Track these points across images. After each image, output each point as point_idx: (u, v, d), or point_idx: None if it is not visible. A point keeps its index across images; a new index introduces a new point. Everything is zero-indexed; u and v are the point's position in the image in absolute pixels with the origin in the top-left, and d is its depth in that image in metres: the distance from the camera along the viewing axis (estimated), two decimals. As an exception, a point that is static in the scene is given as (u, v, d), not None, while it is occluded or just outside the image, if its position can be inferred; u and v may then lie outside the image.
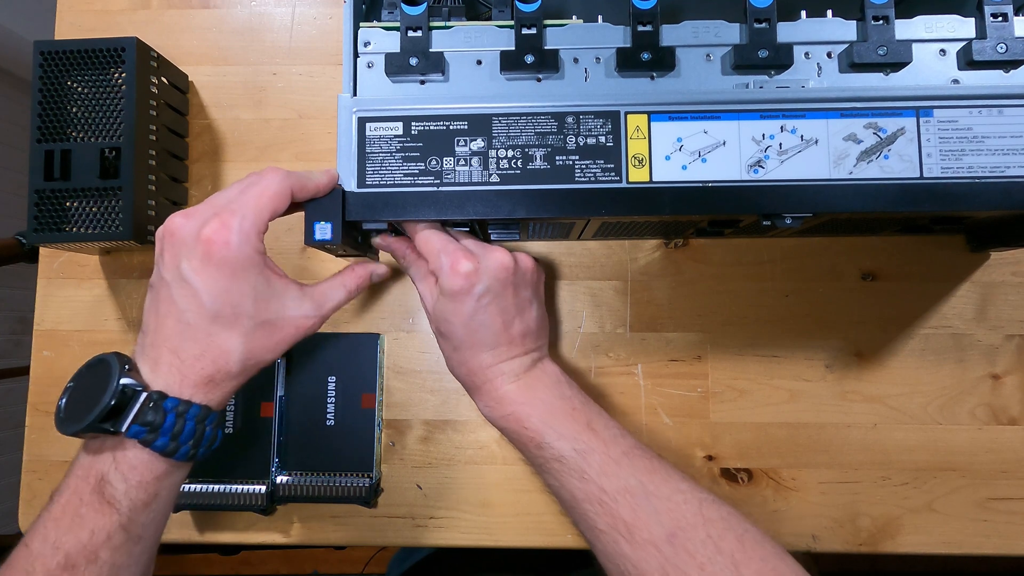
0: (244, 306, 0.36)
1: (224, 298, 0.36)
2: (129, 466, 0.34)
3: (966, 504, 0.49)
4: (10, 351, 1.49)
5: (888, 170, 0.39)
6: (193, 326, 0.36)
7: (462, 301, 0.40)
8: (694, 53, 0.41)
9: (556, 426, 0.40)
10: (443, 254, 0.40)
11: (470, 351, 0.42)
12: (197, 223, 0.36)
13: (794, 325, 0.51)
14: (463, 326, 0.41)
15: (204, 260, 0.35)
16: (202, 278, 0.35)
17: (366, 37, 0.42)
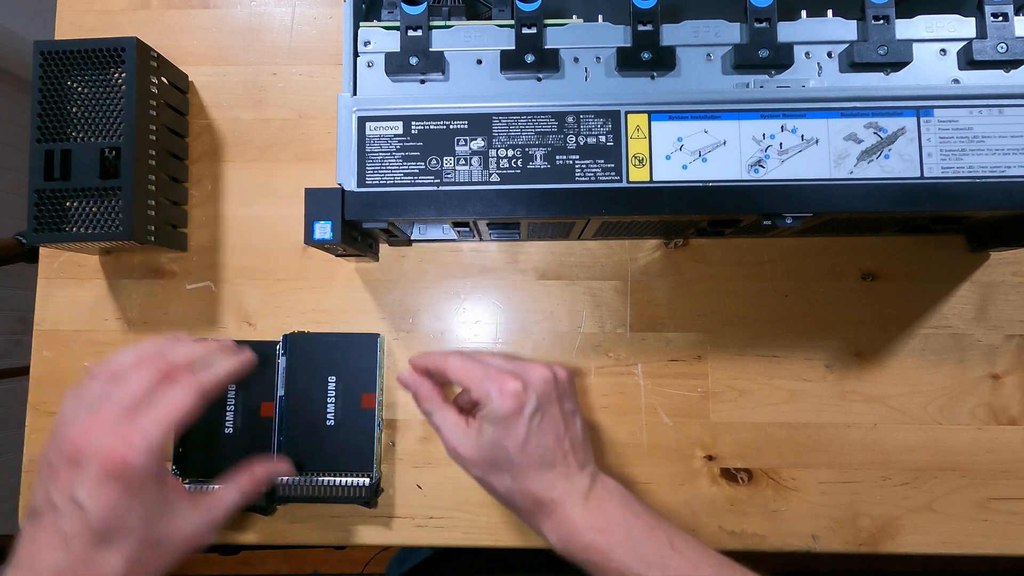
0: (131, 523, 0.35)
1: (113, 517, 0.34)
2: None
3: (966, 504, 0.49)
4: (10, 351, 1.49)
5: (888, 170, 0.39)
6: (74, 554, 0.34)
7: (514, 424, 0.39)
8: (694, 53, 0.41)
9: (642, 552, 0.38)
10: (487, 379, 0.40)
11: (530, 477, 0.40)
12: (102, 441, 0.34)
13: (794, 325, 0.51)
14: (519, 451, 0.39)
15: (102, 481, 0.34)
16: (95, 498, 0.34)
17: (366, 36, 0.42)
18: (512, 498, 0.41)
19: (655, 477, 0.50)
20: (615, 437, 0.51)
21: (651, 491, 0.50)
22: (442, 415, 0.43)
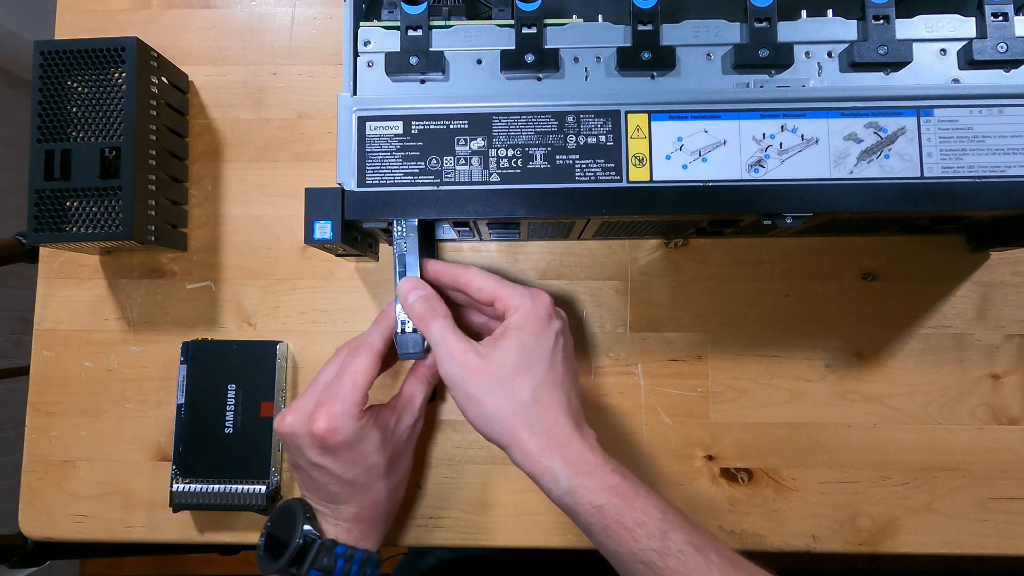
0: (373, 461, 0.41)
1: (354, 467, 0.40)
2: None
3: (966, 504, 0.49)
4: (10, 351, 1.49)
5: (888, 170, 0.39)
6: (339, 493, 0.41)
7: (548, 330, 0.40)
8: (694, 52, 0.41)
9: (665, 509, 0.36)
10: (516, 290, 0.40)
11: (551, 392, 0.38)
12: (304, 419, 0.39)
13: (794, 325, 0.51)
14: (548, 358, 0.39)
15: (322, 450, 0.39)
16: (328, 461, 0.40)
17: (366, 36, 0.42)
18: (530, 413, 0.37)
19: (655, 477, 0.50)
20: (615, 437, 0.51)
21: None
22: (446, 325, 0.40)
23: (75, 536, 0.52)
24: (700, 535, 0.36)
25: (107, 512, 0.52)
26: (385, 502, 0.43)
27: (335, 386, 0.40)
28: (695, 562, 0.33)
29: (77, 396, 0.53)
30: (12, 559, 0.69)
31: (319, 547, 0.40)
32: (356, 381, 0.40)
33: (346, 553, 0.41)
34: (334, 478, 0.41)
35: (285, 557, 0.40)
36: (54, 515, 0.52)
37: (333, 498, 0.42)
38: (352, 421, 0.39)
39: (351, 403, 0.39)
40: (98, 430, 0.53)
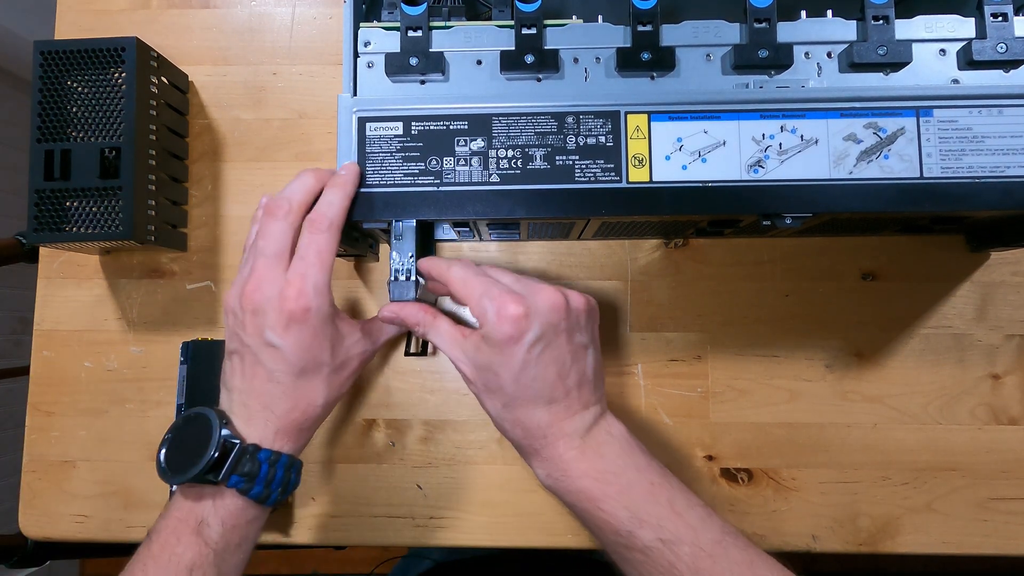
0: (323, 357, 0.40)
1: (308, 355, 0.39)
2: (226, 512, 0.37)
3: (966, 504, 0.49)
4: (10, 351, 1.49)
5: (888, 170, 0.39)
6: (283, 384, 0.39)
7: (511, 351, 0.36)
8: (694, 53, 0.41)
9: (636, 510, 0.36)
10: (486, 298, 0.37)
11: (523, 409, 0.38)
12: (273, 291, 0.38)
13: (794, 325, 0.51)
14: (513, 381, 0.37)
15: (287, 326, 0.38)
16: (287, 341, 0.38)
17: (366, 37, 0.42)
18: (503, 424, 0.40)
19: (655, 477, 0.50)
20: (615, 437, 0.51)
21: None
22: (435, 331, 0.41)
23: (75, 536, 0.52)
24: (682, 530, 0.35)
25: (107, 512, 0.52)
26: (319, 408, 0.40)
27: (301, 265, 0.38)
28: (660, 557, 0.35)
29: (77, 396, 0.53)
30: (12, 559, 0.69)
31: (239, 450, 0.37)
32: (323, 261, 0.38)
33: (271, 457, 0.38)
34: (284, 363, 0.38)
35: (201, 464, 0.36)
36: (54, 515, 0.52)
37: (273, 387, 0.39)
38: (323, 297, 0.38)
39: (323, 283, 0.38)
40: (98, 430, 0.53)
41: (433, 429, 0.52)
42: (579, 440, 0.38)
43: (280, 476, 0.38)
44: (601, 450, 0.38)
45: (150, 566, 0.36)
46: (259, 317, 0.38)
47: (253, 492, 0.37)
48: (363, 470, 0.52)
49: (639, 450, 0.39)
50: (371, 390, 0.52)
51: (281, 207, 0.39)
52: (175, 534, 0.37)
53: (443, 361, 0.52)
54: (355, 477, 0.52)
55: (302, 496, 0.51)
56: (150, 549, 0.37)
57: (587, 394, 0.39)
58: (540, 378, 0.37)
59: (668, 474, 0.39)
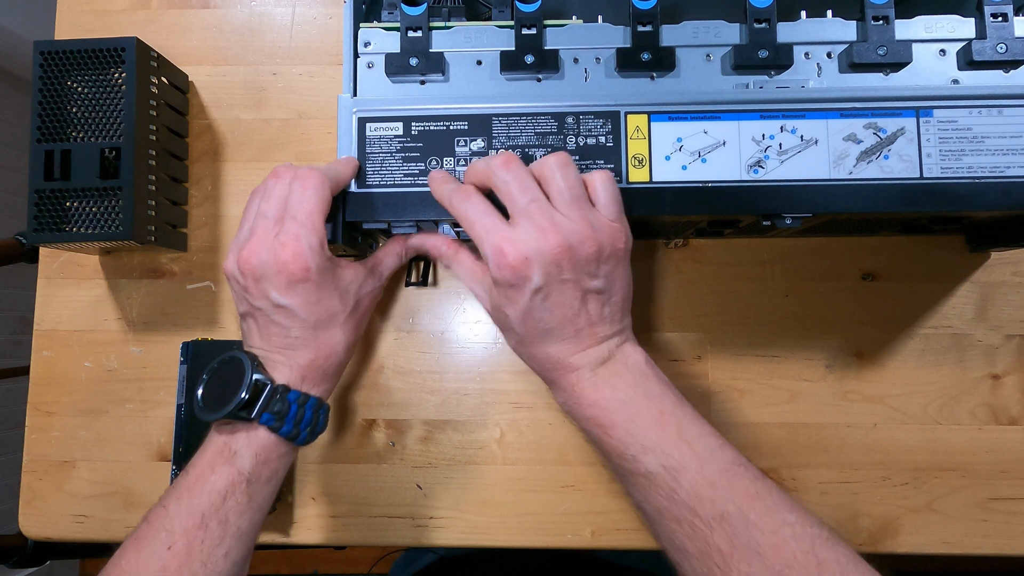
0: (335, 307, 0.41)
1: (318, 309, 0.40)
2: (259, 446, 0.39)
3: (966, 504, 0.49)
4: (10, 351, 1.49)
5: (888, 170, 0.39)
6: (300, 338, 0.40)
7: (514, 296, 0.36)
8: (694, 53, 0.41)
9: (641, 436, 0.36)
10: (489, 239, 0.36)
11: (534, 346, 0.39)
12: (268, 255, 0.38)
13: (794, 325, 0.51)
14: (520, 323, 0.38)
15: (290, 286, 0.39)
16: (294, 300, 0.39)
17: (366, 37, 0.42)
18: (521, 356, 0.41)
19: (655, 477, 0.50)
20: (615, 437, 0.51)
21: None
22: (458, 263, 0.43)
23: (75, 536, 0.52)
24: (687, 457, 0.35)
25: (107, 512, 0.52)
26: (341, 353, 0.42)
27: (293, 225, 0.38)
28: (662, 482, 0.35)
29: (77, 396, 0.53)
30: (12, 559, 0.70)
31: (271, 391, 0.39)
32: (315, 220, 0.38)
33: (299, 399, 0.40)
34: (297, 320, 0.39)
35: (235, 401, 0.38)
36: (54, 515, 0.52)
37: (292, 343, 0.40)
38: (319, 255, 0.39)
39: (317, 240, 0.38)
40: (98, 430, 0.53)
41: (433, 429, 0.52)
42: (591, 372, 0.38)
43: (308, 416, 0.40)
44: (613, 380, 0.38)
45: (185, 494, 0.38)
46: (261, 282, 0.39)
47: (283, 430, 0.39)
48: (363, 470, 0.52)
49: (654, 379, 0.39)
50: (371, 390, 0.52)
51: (288, 171, 0.40)
52: (210, 465, 0.39)
53: (443, 361, 0.53)
54: (355, 477, 0.52)
55: (302, 496, 0.51)
56: (186, 479, 0.39)
57: (603, 329, 0.38)
58: (546, 320, 0.37)
59: (683, 403, 0.38)
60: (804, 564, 0.32)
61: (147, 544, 0.37)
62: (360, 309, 0.44)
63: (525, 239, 0.35)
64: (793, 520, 0.33)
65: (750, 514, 0.33)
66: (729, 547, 0.33)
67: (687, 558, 0.35)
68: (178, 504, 0.38)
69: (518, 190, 0.36)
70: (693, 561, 0.34)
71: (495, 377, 0.52)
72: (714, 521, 0.33)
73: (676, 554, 0.36)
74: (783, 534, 0.33)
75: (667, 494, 0.35)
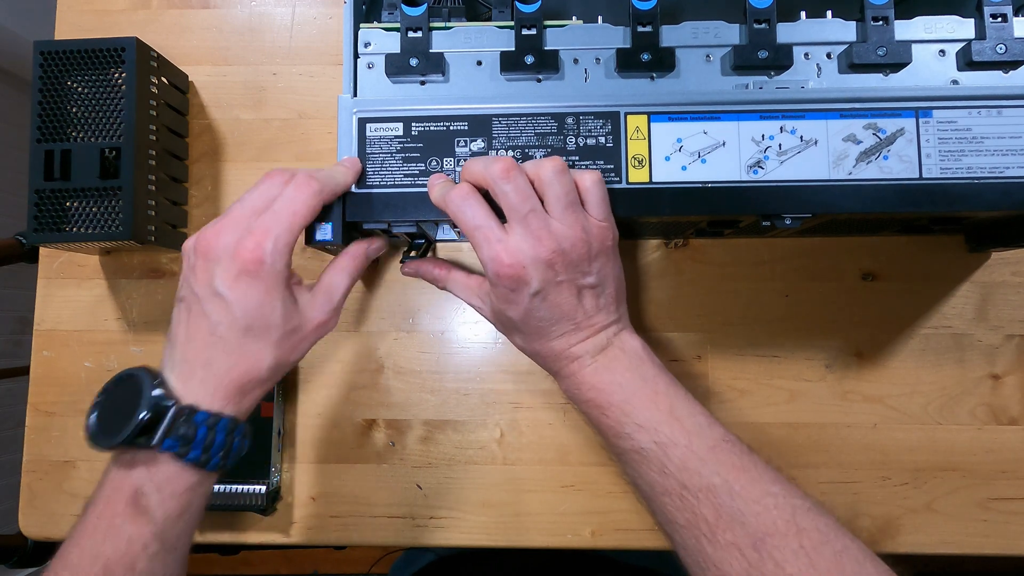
0: (273, 319, 0.37)
1: (256, 312, 0.36)
2: (163, 478, 0.35)
3: (966, 504, 0.49)
4: (10, 351, 1.49)
5: (887, 171, 0.39)
6: (225, 339, 0.36)
7: (514, 300, 0.38)
8: (694, 54, 0.41)
9: (635, 415, 0.38)
10: (486, 245, 0.37)
11: (539, 342, 0.40)
12: (231, 240, 0.36)
13: (794, 325, 0.51)
14: (522, 323, 0.39)
15: (238, 277, 0.36)
16: (236, 294, 0.36)
17: (366, 38, 0.42)
18: (525, 353, 0.42)
19: (655, 477, 0.50)
20: (615, 437, 0.51)
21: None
22: (453, 283, 0.44)
23: (75, 536, 0.52)
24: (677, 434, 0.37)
25: (107, 512, 0.52)
26: (264, 373, 0.38)
27: (269, 218, 0.36)
28: (653, 457, 0.37)
29: (77, 396, 0.53)
30: (12, 559, 0.70)
31: (175, 413, 0.34)
32: (293, 221, 0.37)
33: (208, 420, 0.35)
34: (228, 316, 0.36)
35: (130, 427, 0.33)
36: (54, 515, 0.52)
37: (214, 344, 0.36)
38: (280, 260, 0.36)
39: (284, 242, 0.36)
40: (98, 430, 0.53)
41: (433, 429, 0.52)
42: (591, 359, 0.40)
43: (220, 440, 0.36)
44: (612, 365, 0.40)
45: (86, 540, 0.34)
46: (210, 264, 0.36)
47: (190, 456, 0.35)
48: (363, 470, 0.52)
49: (649, 363, 0.40)
50: (371, 390, 0.52)
51: (284, 174, 0.39)
52: (110, 505, 0.35)
53: (443, 361, 0.53)
54: (355, 477, 0.52)
55: (302, 496, 0.51)
56: (85, 524, 0.35)
57: (599, 319, 0.40)
58: (546, 318, 0.39)
59: (676, 384, 0.40)
60: (785, 532, 0.33)
61: None
62: (298, 335, 0.39)
63: (522, 247, 0.37)
64: (776, 491, 0.35)
65: (735, 485, 0.35)
66: (715, 516, 0.34)
67: (677, 529, 0.36)
68: (80, 554, 0.34)
69: (518, 200, 0.37)
70: (683, 532, 0.36)
71: (495, 377, 0.52)
72: (701, 493, 0.35)
73: (668, 526, 0.37)
74: (766, 503, 0.34)
75: (659, 469, 0.37)
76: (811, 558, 0.32)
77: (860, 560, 0.33)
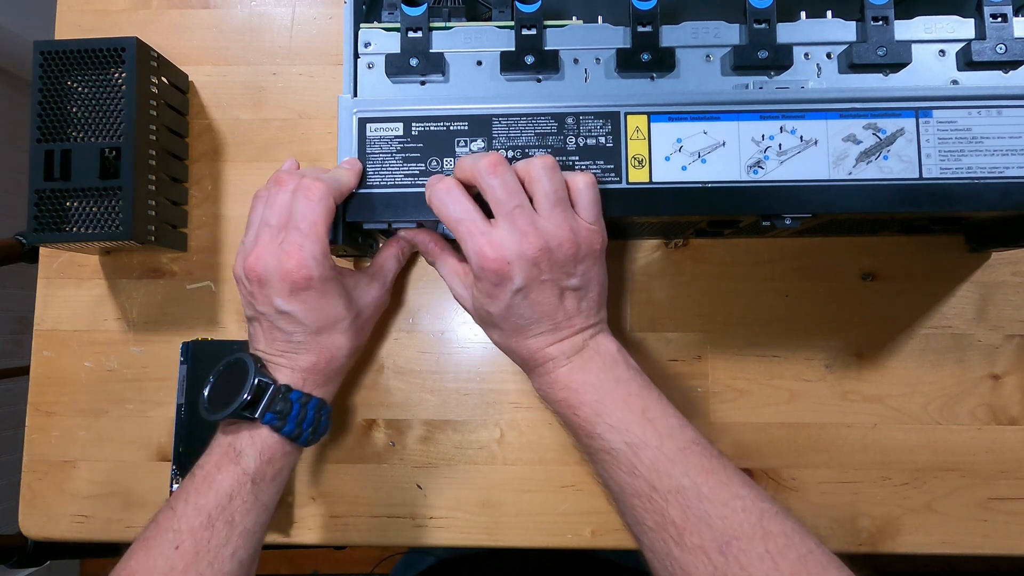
0: (338, 314, 0.42)
1: (321, 316, 0.41)
2: (263, 445, 0.40)
3: (966, 504, 0.49)
4: (10, 351, 1.49)
5: (887, 171, 0.39)
6: (303, 343, 0.41)
7: (496, 294, 0.38)
8: (694, 54, 0.41)
9: (607, 416, 0.38)
10: (472, 238, 0.37)
11: (515, 339, 0.40)
12: (273, 262, 0.39)
13: (794, 325, 0.51)
14: (502, 319, 0.40)
15: (293, 293, 0.39)
16: (297, 307, 0.40)
17: (366, 38, 0.42)
18: (502, 349, 0.43)
19: (655, 477, 0.50)
20: (615, 437, 0.51)
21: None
22: (443, 262, 0.45)
23: (75, 536, 0.52)
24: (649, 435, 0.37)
25: (107, 512, 0.52)
26: (344, 359, 0.43)
27: (295, 235, 0.39)
28: (623, 458, 0.37)
29: (77, 396, 0.53)
30: (12, 559, 0.70)
31: (273, 391, 0.40)
32: (319, 230, 0.39)
33: (301, 399, 0.41)
34: (300, 326, 0.41)
35: (238, 401, 0.39)
36: (54, 515, 0.52)
37: (295, 348, 0.41)
38: (322, 265, 0.39)
39: (319, 251, 0.39)
40: (98, 430, 0.53)
41: (433, 429, 0.52)
42: (566, 360, 0.40)
43: (311, 416, 0.41)
44: (586, 366, 0.40)
45: (192, 494, 0.39)
46: (265, 288, 0.40)
47: (285, 429, 0.40)
48: (363, 470, 0.52)
49: (624, 365, 0.40)
50: (371, 390, 0.52)
51: (292, 178, 0.40)
52: (216, 465, 0.40)
53: (443, 361, 0.53)
54: (355, 477, 0.52)
55: (302, 496, 0.51)
56: (193, 480, 0.39)
57: (579, 322, 0.40)
58: (526, 316, 0.39)
59: (650, 387, 0.40)
60: (751, 535, 0.33)
61: (155, 545, 0.37)
62: (364, 315, 0.45)
63: (507, 242, 0.37)
64: (745, 494, 0.35)
65: (703, 488, 0.35)
66: (683, 519, 0.35)
67: (645, 532, 0.36)
68: (185, 505, 0.38)
69: (504, 194, 0.37)
70: (651, 534, 0.36)
71: (495, 377, 0.52)
72: (670, 494, 0.35)
73: (636, 528, 0.37)
74: (733, 506, 0.34)
75: (628, 470, 0.37)
76: (776, 562, 0.32)
77: (824, 564, 0.33)
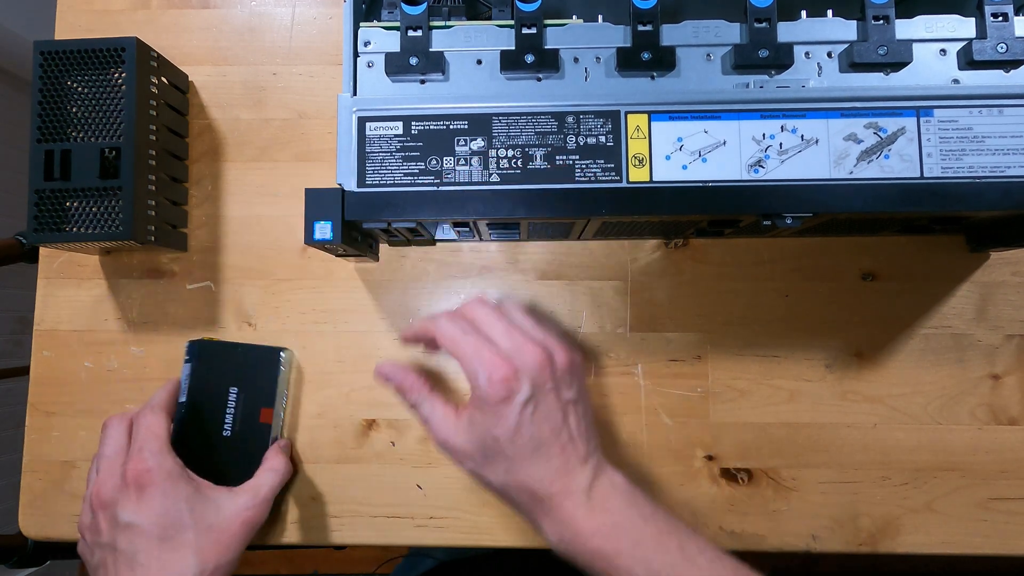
0: (183, 518, 0.40)
1: (164, 519, 0.39)
2: None
3: (966, 504, 0.49)
4: (10, 351, 1.49)
5: (888, 170, 0.39)
6: (145, 564, 0.38)
7: (505, 413, 0.37)
8: (694, 53, 0.41)
9: (649, 561, 0.36)
10: (476, 359, 0.38)
11: (525, 470, 0.38)
12: (115, 479, 0.40)
13: (794, 325, 0.51)
14: (511, 442, 0.38)
15: (138, 497, 0.39)
16: (141, 511, 0.39)
17: (366, 37, 0.42)
18: (508, 492, 0.39)
19: (655, 477, 0.50)
20: (615, 437, 0.51)
21: (651, 491, 0.50)
22: (430, 406, 0.41)
23: (75, 536, 0.52)
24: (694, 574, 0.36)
25: (107, 512, 0.52)
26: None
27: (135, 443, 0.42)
28: None
29: (77, 396, 0.53)
30: (12, 559, 0.69)
31: None
32: (155, 434, 0.42)
33: None
34: (142, 538, 0.39)
35: None
36: (54, 515, 0.52)
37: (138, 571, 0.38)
38: (166, 459, 0.40)
39: (158, 446, 0.41)
40: (98, 430, 0.53)
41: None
42: (585, 497, 0.38)
43: None
44: (607, 504, 0.38)
45: None
46: (110, 508, 0.40)
47: None
48: (363, 470, 0.52)
49: (643, 498, 0.39)
50: (371, 390, 0.52)
51: (122, 417, 0.45)
52: None
53: (443, 361, 0.52)
54: (355, 477, 0.52)
55: (302, 496, 0.51)
56: None
57: (582, 447, 0.39)
58: (536, 436, 0.38)
59: (672, 519, 0.39)
60: None
61: None
62: (224, 532, 0.41)
63: (512, 353, 0.38)
64: None
65: None
66: None
67: None
68: None
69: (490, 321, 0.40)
70: None
71: (495, 377, 0.52)
72: None
73: None
74: None
75: None
76: None
77: None
